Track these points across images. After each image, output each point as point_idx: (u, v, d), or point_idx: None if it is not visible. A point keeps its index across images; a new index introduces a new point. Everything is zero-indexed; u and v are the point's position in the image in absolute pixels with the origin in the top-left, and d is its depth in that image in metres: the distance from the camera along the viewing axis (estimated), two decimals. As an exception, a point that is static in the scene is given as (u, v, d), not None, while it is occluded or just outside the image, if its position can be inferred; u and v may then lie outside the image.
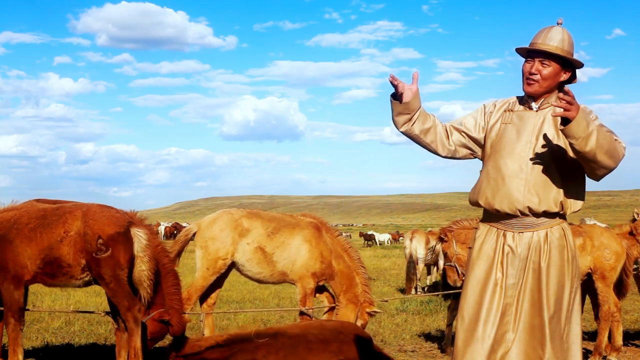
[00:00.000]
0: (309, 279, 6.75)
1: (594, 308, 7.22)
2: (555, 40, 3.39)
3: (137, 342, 5.32)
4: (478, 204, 3.53)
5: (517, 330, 3.36)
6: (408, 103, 3.44)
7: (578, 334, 3.44)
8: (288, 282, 6.97)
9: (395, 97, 3.47)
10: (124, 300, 5.33)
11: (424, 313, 10.27)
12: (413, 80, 3.48)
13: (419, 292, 14.18)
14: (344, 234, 10.46)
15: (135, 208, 5.87)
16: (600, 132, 3.17)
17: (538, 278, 3.37)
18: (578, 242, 6.73)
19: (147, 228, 5.65)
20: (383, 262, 23.93)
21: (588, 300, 7.37)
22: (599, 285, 6.81)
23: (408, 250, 14.53)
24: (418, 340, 8.10)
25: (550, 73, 3.41)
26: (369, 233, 51.37)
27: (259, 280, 7.04)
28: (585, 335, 8.20)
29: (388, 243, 47.42)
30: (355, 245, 8.79)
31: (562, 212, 3.41)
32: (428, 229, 23.26)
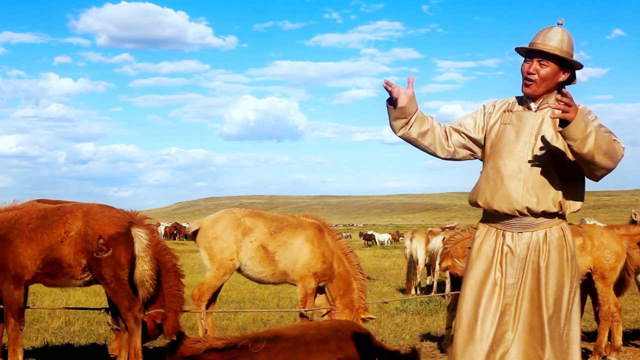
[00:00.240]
0: (310, 279, 6.76)
1: (595, 308, 7.22)
2: (554, 41, 3.39)
3: (137, 342, 5.32)
4: (477, 205, 3.53)
5: (516, 330, 3.36)
6: (404, 108, 3.45)
7: (577, 334, 3.44)
8: (289, 282, 6.97)
9: (391, 102, 3.48)
10: (125, 300, 5.33)
11: (424, 313, 10.27)
12: (408, 85, 3.48)
13: (419, 292, 14.18)
14: (344, 234, 10.47)
15: (135, 208, 5.86)
16: (599, 133, 3.16)
17: (537, 278, 3.37)
18: (578, 242, 6.73)
19: (147, 228, 5.65)
20: (383, 262, 23.93)
21: (588, 300, 7.37)
22: (599, 285, 6.80)
23: (408, 250, 14.54)
24: (418, 341, 8.10)
25: (549, 73, 3.41)
26: (369, 233, 51.37)
27: (259, 280, 7.03)
28: (585, 335, 8.21)
29: (388, 243, 47.43)
30: (355, 245, 8.81)
31: (561, 212, 3.41)
32: (428, 229, 23.27)
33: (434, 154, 3.62)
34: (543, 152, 3.38)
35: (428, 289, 14.44)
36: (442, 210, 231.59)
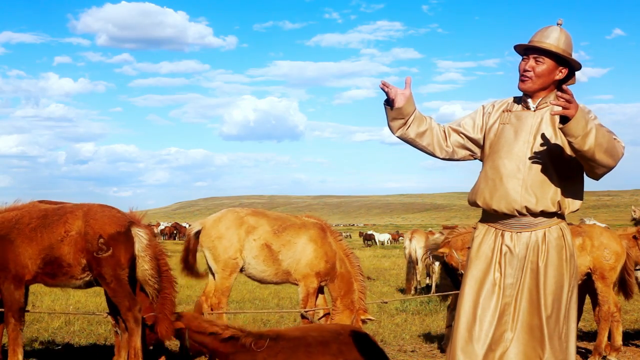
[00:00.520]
0: (313, 279, 6.76)
1: (594, 308, 7.22)
2: (551, 38, 3.41)
3: (137, 342, 5.33)
4: (476, 204, 3.54)
5: (515, 330, 3.37)
6: (401, 108, 3.47)
7: (574, 333, 3.46)
8: (291, 281, 6.96)
9: (389, 102, 3.50)
10: (125, 300, 5.33)
11: (424, 313, 10.28)
12: (406, 85, 3.50)
13: (419, 292, 14.19)
14: (344, 234, 10.48)
15: (135, 208, 5.87)
16: (600, 130, 3.17)
17: (536, 278, 3.38)
18: (578, 242, 6.73)
19: (147, 228, 5.65)
20: (383, 262, 23.94)
21: (588, 300, 7.37)
22: (599, 285, 6.80)
23: (408, 251, 14.55)
24: (418, 341, 8.11)
25: (544, 70, 3.42)
26: (369, 233, 51.39)
27: (262, 280, 7.02)
28: (585, 335, 8.21)
29: (388, 243, 47.45)
30: (355, 245, 8.81)
31: (560, 212, 3.42)
32: (428, 229, 23.27)
33: (433, 154, 3.64)
34: (542, 151, 3.39)
35: (428, 289, 14.45)
36: (442, 210, 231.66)
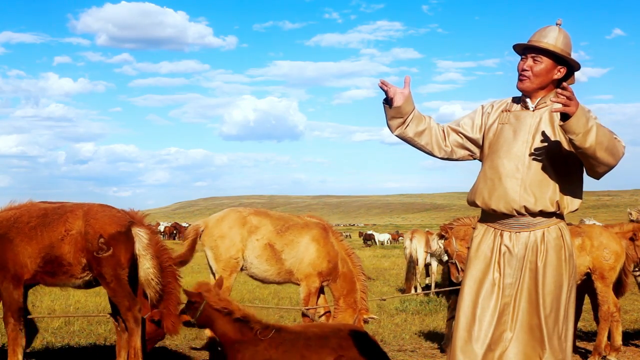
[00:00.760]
0: (315, 278, 6.75)
1: (594, 308, 7.22)
2: (549, 38, 3.42)
3: (137, 342, 5.32)
4: (475, 204, 3.55)
5: (515, 330, 3.37)
6: (399, 107, 3.48)
7: (572, 333, 3.47)
8: (293, 281, 6.95)
9: (388, 101, 3.50)
10: (125, 300, 5.33)
11: (424, 313, 10.28)
12: (405, 84, 3.51)
13: (419, 292, 14.18)
14: (344, 234, 10.47)
15: (135, 208, 5.87)
16: (600, 128, 3.18)
17: (535, 278, 3.38)
18: (577, 242, 6.73)
19: (147, 227, 5.65)
20: (383, 262, 23.94)
21: (587, 300, 7.37)
22: (598, 285, 6.79)
23: (408, 250, 14.54)
24: (418, 340, 8.11)
25: (542, 70, 3.43)
26: (369, 233, 51.38)
27: (264, 279, 7.01)
28: (582, 335, 8.21)
29: (388, 243, 47.45)
30: (355, 245, 8.82)
31: (558, 211, 3.42)
32: (426, 229, 23.25)
33: (431, 154, 3.64)
34: (541, 151, 3.39)
35: (428, 289, 14.44)
36: (441, 210, 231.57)
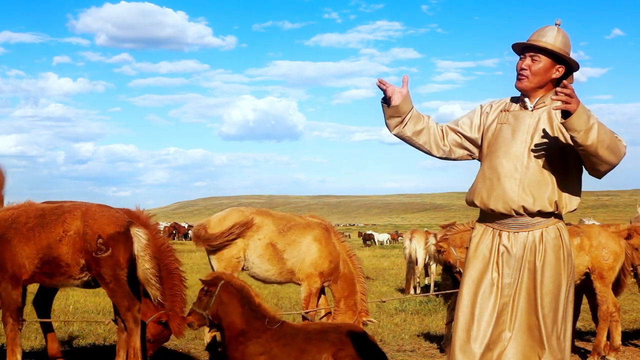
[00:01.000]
0: (316, 278, 6.75)
1: (592, 308, 7.22)
2: (548, 37, 3.43)
3: (136, 342, 5.31)
4: (474, 204, 3.55)
5: (513, 330, 3.37)
6: (398, 106, 3.49)
7: (570, 332, 3.47)
8: (294, 281, 6.95)
9: (386, 100, 3.51)
10: (124, 300, 5.32)
11: (423, 313, 10.28)
12: (403, 84, 3.51)
13: (418, 292, 14.19)
14: (344, 235, 10.46)
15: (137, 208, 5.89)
16: (601, 126, 3.18)
17: (533, 278, 3.38)
18: (576, 241, 6.72)
19: (152, 227, 5.67)
20: (382, 262, 23.92)
21: (585, 300, 7.36)
22: (597, 285, 6.78)
23: (407, 251, 14.53)
24: (417, 340, 8.11)
25: (540, 69, 3.43)
26: (368, 233, 51.39)
27: (265, 279, 6.99)
28: (581, 334, 8.21)
29: (387, 243, 47.45)
30: (354, 245, 8.84)
31: (557, 211, 3.42)
32: (425, 229, 23.25)
33: (429, 153, 3.65)
34: (539, 151, 3.39)
35: (427, 289, 14.45)
36: (441, 210, 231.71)
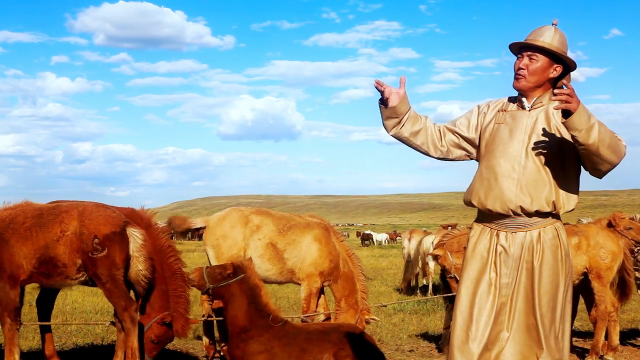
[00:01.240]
0: (316, 278, 6.73)
1: (588, 308, 7.20)
2: (545, 36, 3.43)
3: (134, 342, 5.31)
4: (471, 204, 3.54)
5: (511, 329, 3.37)
6: (395, 107, 3.49)
7: (569, 332, 3.47)
8: (294, 281, 6.93)
9: (383, 101, 3.51)
10: (121, 300, 5.32)
11: (421, 313, 10.28)
12: (400, 84, 3.51)
13: (417, 292, 14.18)
14: (343, 234, 10.44)
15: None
16: (602, 126, 3.19)
17: (531, 277, 3.38)
18: (574, 241, 6.70)
19: (155, 227, 5.68)
20: (380, 261, 23.91)
21: (582, 300, 7.35)
22: (595, 285, 6.76)
23: (406, 250, 14.53)
24: (415, 340, 8.11)
25: (538, 68, 3.43)
26: (367, 232, 51.36)
27: (265, 279, 6.94)
28: (578, 334, 8.21)
29: (385, 243, 47.43)
30: (353, 245, 8.85)
31: (554, 211, 3.41)
32: (423, 229, 23.27)
33: (427, 154, 3.64)
34: (537, 151, 3.39)
35: (425, 289, 14.44)
36: (439, 210, 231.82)
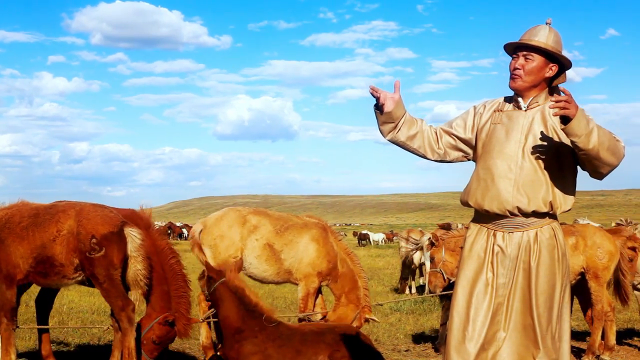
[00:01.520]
0: (314, 278, 6.72)
1: (583, 308, 7.21)
2: (540, 36, 3.43)
3: (130, 342, 5.30)
4: (468, 205, 3.54)
5: (508, 330, 3.37)
6: (390, 112, 3.49)
7: (567, 332, 3.46)
8: (292, 281, 6.92)
9: (379, 107, 3.51)
10: (118, 300, 5.31)
11: (418, 313, 10.28)
12: (395, 89, 3.51)
13: (413, 291, 14.19)
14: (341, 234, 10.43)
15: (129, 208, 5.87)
16: (601, 129, 3.20)
17: (528, 278, 3.38)
18: (571, 241, 6.70)
19: (154, 228, 5.66)
20: (377, 261, 23.91)
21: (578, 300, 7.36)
22: (592, 285, 6.76)
23: (404, 250, 14.52)
24: (412, 340, 8.11)
25: (534, 68, 3.43)
26: (363, 232, 51.32)
27: (262, 279, 6.96)
28: (575, 334, 8.22)
29: (382, 243, 47.39)
30: (350, 245, 8.84)
31: (551, 212, 3.42)
32: (420, 229, 23.26)
33: (424, 157, 3.65)
34: (533, 151, 3.39)
35: (422, 289, 14.45)
36: (436, 210, 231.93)
